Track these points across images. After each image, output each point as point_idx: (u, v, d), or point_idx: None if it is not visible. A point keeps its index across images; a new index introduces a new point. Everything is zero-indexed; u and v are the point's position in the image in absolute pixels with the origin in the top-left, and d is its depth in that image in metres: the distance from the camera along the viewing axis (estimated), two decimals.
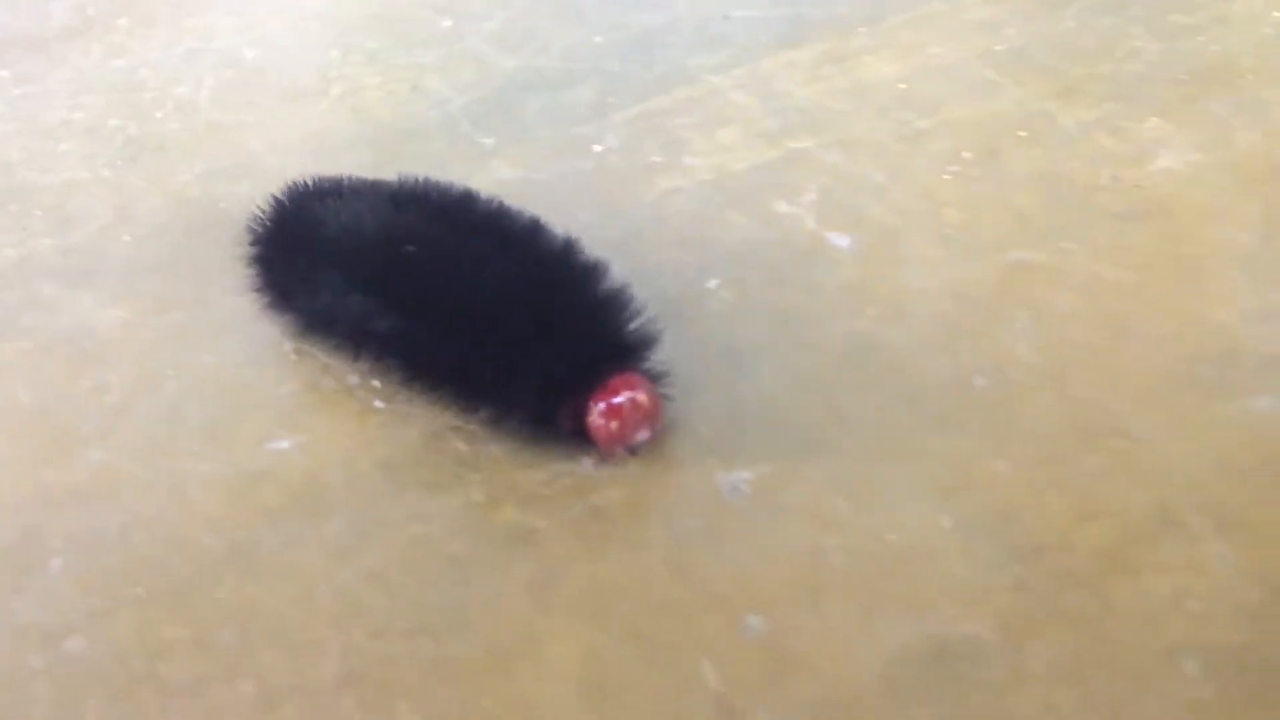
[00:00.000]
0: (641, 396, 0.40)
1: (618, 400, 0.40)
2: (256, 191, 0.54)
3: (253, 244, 0.48)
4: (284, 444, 0.43)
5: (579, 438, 0.41)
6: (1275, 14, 0.56)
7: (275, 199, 0.48)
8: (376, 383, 0.44)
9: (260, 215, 0.48)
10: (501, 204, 0.45)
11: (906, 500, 0.38)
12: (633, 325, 0.41)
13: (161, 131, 0.60)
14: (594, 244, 0.43)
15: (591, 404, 0.40)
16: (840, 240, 0.47)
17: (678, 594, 0.37)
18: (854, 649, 0.35)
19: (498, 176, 0.53)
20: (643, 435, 0.41)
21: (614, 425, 0.40)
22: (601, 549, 0.38)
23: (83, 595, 0.39)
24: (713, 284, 0.46)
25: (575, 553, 0.38)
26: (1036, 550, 0.36)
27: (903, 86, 0.55)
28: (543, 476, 0.41)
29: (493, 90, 0.59)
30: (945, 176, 0.50)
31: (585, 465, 0.41)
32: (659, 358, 0.41)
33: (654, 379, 0.41)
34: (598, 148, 0.54)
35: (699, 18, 0.62)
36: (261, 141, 0.58)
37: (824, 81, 0.56)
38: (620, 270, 0.42)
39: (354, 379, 0.45)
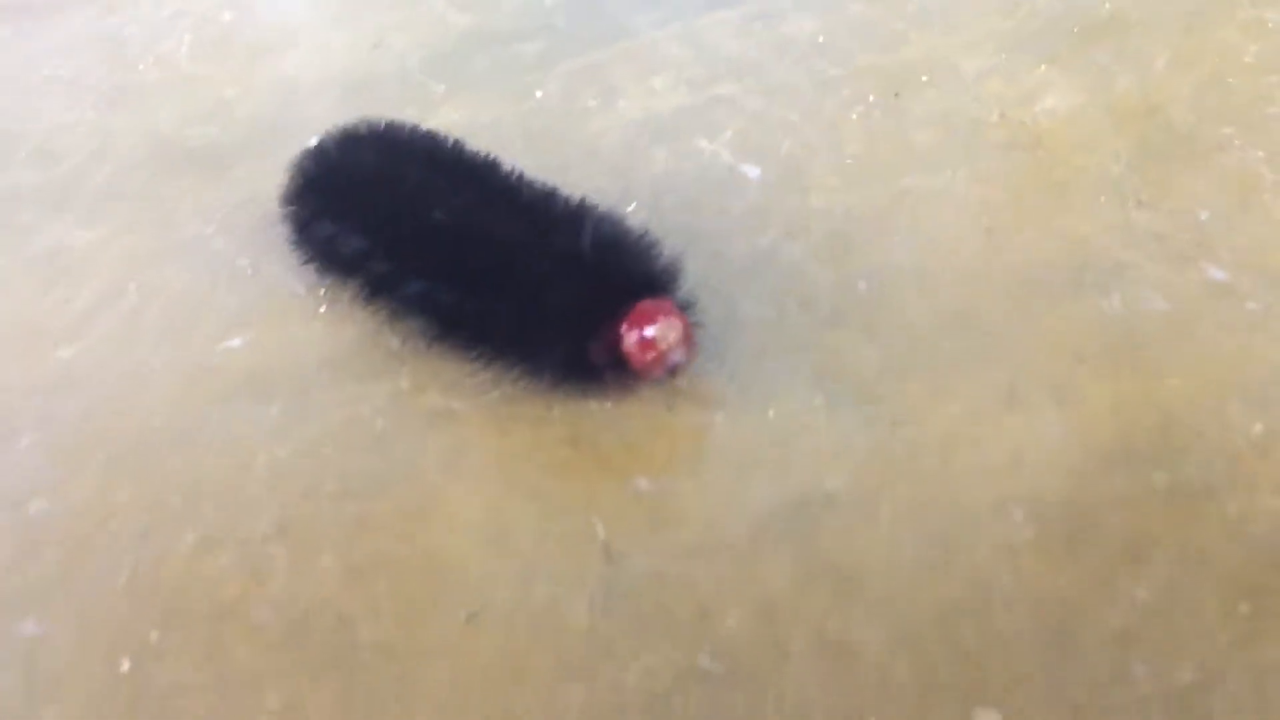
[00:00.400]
0: (672, 318, 0.41)
1: (649, 325, 0.40)
2: (226, 133, 0.59)
3: (289, 191, 0.50)
4: (235, 342, 0.47)
5: (615, 372, 0.42)
6: None
7: (320, 142, 0.50)
8: (322, 291, 0.49)
9: (304, 156, 0.49)
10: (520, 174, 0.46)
11: (788, 384, 0.43)
12: (654, 260, 0.42)
13: (143, 82, 0.64)
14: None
15: (624, 331, 0.40)
16: (751, 170, 0.52)
17: (576, 461, 0.41)
18: (727, 505, 0.39)
19: (446, 119, 0.58)
20: (678, 356, 0.41)
21: (648, 349, 0.40)
22: (510, 426, 0.43)
23: (48, 466, 0.43)
24: (631, 208, 0.50)
25: (487, 429, 0.43)
26: (894, 423, 0.41)
27: (821, 39, 0.59)
28: (465, 368, 0.45)
29: (448, 45, 0.64)
30: (852, 116, 0.54)
31: None
32: (686, 287, 0.43)
33: (683, 306, 0.42)
34: (539, 94, 0.59)
35: None
36: (234, 90, 0.63)
37: (751, 36, 0.60)
38: None
39: (301, 289, 0.49)
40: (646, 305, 0.41)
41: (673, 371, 0.42)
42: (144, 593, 0.39)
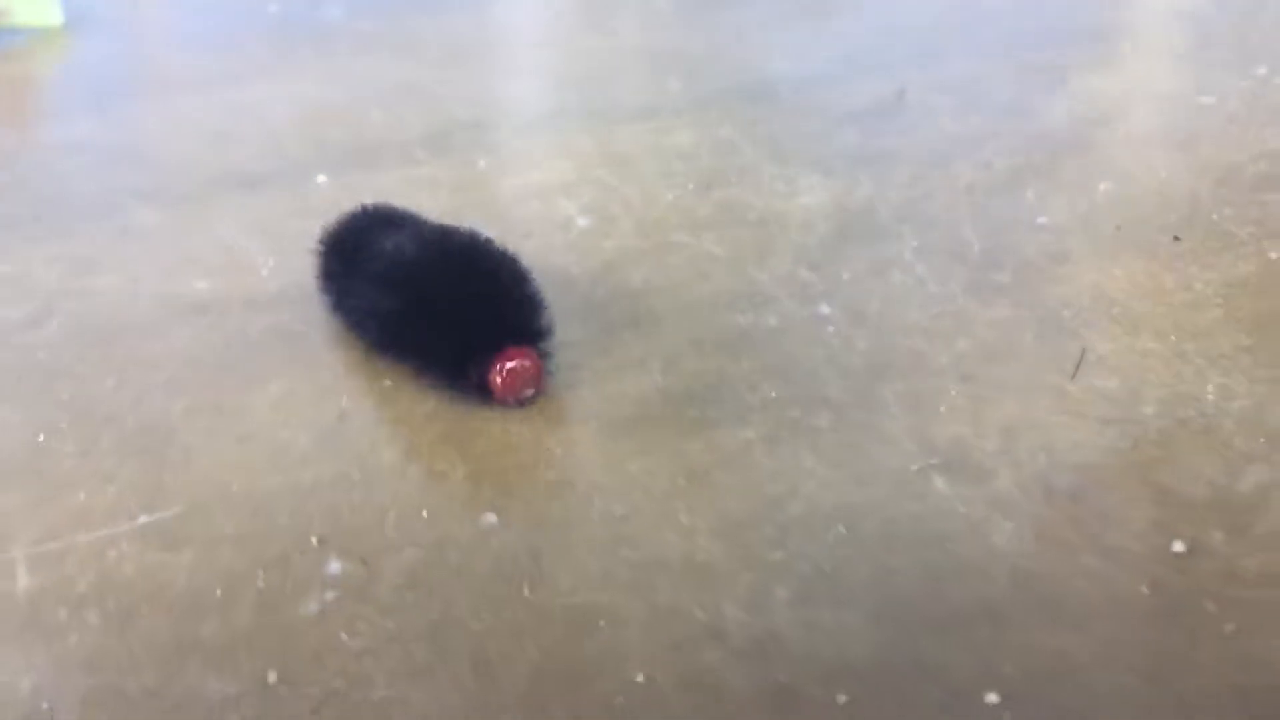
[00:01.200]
0: (527, 363, 0.56)
1: (509, 365, 0.56)
2: (269, 166, 0.84)
3: (321, 244, 0.68)
4: (202, 284, 0.71)
5: (483, 392, 0.57)
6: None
7: (341, 219, 0.68)
8: (271, 262, 0.72)
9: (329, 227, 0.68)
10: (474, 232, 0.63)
11: None
12: (534, 318, 0.58)
13: (229, 131, 0.90)
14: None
15: (491, 366, 0.56)
16: (584, 220, 0.73)
17: (358, 366, 0.63)
18: (424, 398, 0.60)
19: (411, 174, 0.81)
20: (528, 392, 0.57)
21: (504, 382, 0.56)
22: (333, 343, 0.64)
23: (65, 342, 0.67)
24: (493, 233, 0.72)
25: (321, 344, 0.65)
26: (564, 364, 0.61)
27: (687, 148, 0.80)
28: (326, 309, 0.67)
29: (435, 126, 0.88)
30: (669, 196, 0.75)
31: None
32: (551, 341, 0.59)
33: (543, 355, 0.58)
34: (482, 164, 0.82)
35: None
36: (289, 140, 0.88)
37: (642, 141, 0.82)
38: None
39: (258, 260, 0.73)
40: (511, 351, 0.57)
41: (521, 402, 0.58)
42: (79, 406, 0.61)
